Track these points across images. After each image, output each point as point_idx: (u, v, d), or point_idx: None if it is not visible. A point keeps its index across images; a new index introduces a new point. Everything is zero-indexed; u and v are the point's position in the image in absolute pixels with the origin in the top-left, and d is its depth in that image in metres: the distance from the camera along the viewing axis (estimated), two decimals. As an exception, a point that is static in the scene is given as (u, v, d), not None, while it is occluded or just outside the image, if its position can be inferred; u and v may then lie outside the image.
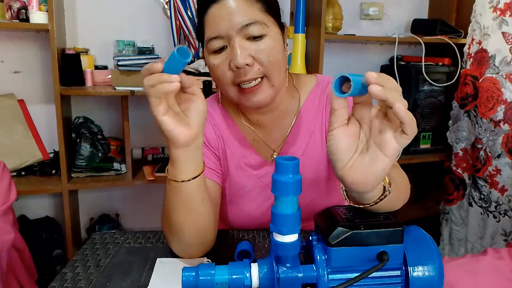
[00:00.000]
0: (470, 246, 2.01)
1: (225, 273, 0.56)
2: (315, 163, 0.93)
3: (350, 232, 0.53)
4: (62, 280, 0.71)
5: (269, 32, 0.79)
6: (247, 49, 0.77)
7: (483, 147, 1.91)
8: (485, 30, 1.86)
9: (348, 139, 0.54)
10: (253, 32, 0.77)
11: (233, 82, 0.80)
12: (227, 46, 0.79)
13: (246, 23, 0.77)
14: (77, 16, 1.88)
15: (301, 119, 0.93)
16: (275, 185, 0.52)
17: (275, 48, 0.80)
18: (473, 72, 1.95)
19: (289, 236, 0.53)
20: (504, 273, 0.95)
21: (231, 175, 0.94)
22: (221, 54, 0.79)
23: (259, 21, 0.78)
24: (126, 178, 1.81)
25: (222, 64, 0.80)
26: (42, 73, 1.87)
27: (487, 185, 1.91)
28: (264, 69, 0.79)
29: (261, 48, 0.78)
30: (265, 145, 0.94)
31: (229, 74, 0.80)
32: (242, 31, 0.77)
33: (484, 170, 1.92)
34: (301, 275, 0.54)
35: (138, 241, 0.86)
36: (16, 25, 1.64)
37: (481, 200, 1.95)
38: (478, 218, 1.97)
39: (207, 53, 0.82)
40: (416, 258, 0.56)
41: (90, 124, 1.86)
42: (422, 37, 2.08)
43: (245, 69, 0.78)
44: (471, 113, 1.98)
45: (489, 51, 1.86)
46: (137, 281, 0.71)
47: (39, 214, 1.96)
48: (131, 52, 1.85)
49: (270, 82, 0.81)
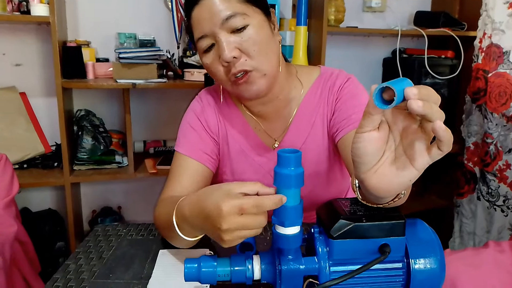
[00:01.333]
0: (478, 240, 2.03)
1: (227, 265, 0.56)
2: (316, 154, 0.93)
3: (352, 225, 0.53)
4: (65, 272, 0.72)
5: (251, 21, 0.80)
6: (232, 43, 0.79)
7: (493, 141, 1.91)
8: (499, 25, 1.85)
9: (377, 144, 0.48)
10: (235, 24, 0.79)
11: (227, 77, 0.82)
12: (214, 43, 0.80)
13: (226, 17, 0.78)
14: (78, 9, 1.87)
15: (303, 110, 0.93)
16: (277, 177, 0.52)
17: (259, 36, 0.80)
18: (485, 67, 1.94)
19: (291, 229, 0.53)
20: (506, 266, 0.95)
21: (232, 159, 0.96)
22: (211, 52, 0.82)
23: (238, 13, 0.79)
24: (128, 171, 1.82)
25: (214, 61, 0.82)
26: (44, 66, 1.87)
27: (496, 180, 1.92)
28: (251, 59, 0.80)
29: (245, 39, 0.79)
30: (267, 135, 0.94)
31: (221, 69, 0.82)
32: (224, 25, 0.78)
33: (494, 164, 1.92)
34: (303, 267, 0.54)
35: (140, 234, 0.86)
36: (17, 18, 1.63)
37: (488, 195, 1.95)
38: (486, 212, 1.98)
39: (199, 53, 0.85)
40: (418, 251, 0.56)
41: (92, 117, 1.86)
42: (425, 30, 2.07)
43: (233, 62, 0.79)
44: (482, 108, 1.98)
45: (503, 46, 1.85)
46: (140, 273, 0.71)
47: (42, 206, 1.97)
48: (132, 44, 1.85)
49: (260, 71, 0.81)
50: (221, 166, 0.97)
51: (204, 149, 0.91)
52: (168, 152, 2.06)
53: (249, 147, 0.95)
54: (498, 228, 1.92)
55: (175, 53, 1.92)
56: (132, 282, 0.68)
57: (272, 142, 0.94)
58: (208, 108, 0.96)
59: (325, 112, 0.92)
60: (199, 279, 0.56)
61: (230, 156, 0.95)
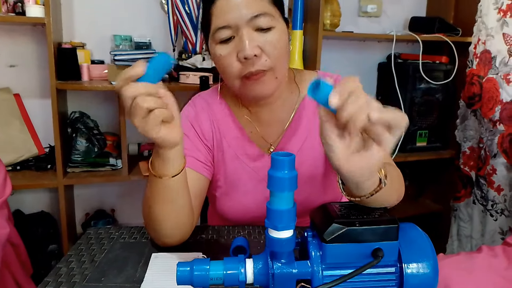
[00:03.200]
0: (474, 243, 2.05)
1: (220, 269, 0.55)
2: (312, 160, 0.93)
3: (345, 229, 0.53)
4: (57, 275, 0.71)
5: (276, 25, 0.80)
6: (255, 40, 0.78)
7: (483, 146, 1.93)
8: (489, 31, 1.87)
9: (342, 137, 0.52)
10: (262, 24, 0.78)
11: (240, 73, 0.81)
12: (234, 36, 0.79)
13: (255, 14, 0.77)
14: (74, 10, 1.86)
15: (300, 115, 0.93)
16: (271, 180, 0.52)
17: (281, 41, 0.81)
18: (479, 72, 1.96)
19: (284, 232, 0.53)
20: (498, 271, 0.95)
21: (226, 165, 0.94)
22: (228, 45, 0.80)
23: (268, 13, 0.79)
24: (122, 174, 1.81)
25: (230, 54, 0.80)
26: (38, 67, 1.86)
27: (486, 184, 1.93)
28: (270, 61, 0.80)
29: (268, 40, 0.79)
30: (263, 139, 0.94)
31: (236, 65, 0.80)
32: (251, 22, 0.78)
33: (484, 169, 1.93)
34: (295, 271, 0.54)
35: (133, 237, 0.86)
36: (12, 19, 1.63)
37: (482, 199, 1.97)
38: (481, 216, 2.01)
39: (213, 43, 0.82)
40: (410, 255, 0.56)
41: (86, 119, 1.86)
42: (420, 35, 2.08)
43: (253, 60, 0.78)
44: (477, 113, 2.00)
45: (491, 52, 1.87)
46: (132, 276, 0.71)
47: (35, 209, 1.95)
48: (128, 47, 1.84)
49: (274, 73, 0.82)
50: (215, 173, 0.96)
51: (197, 157, 0.89)
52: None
53: (244, 153, 0.93)
54: (490, 232, 1.94)
55: (171, 55, 1.91)
56: (125, 285, 0.68)
57: (267, 146, 0.94)
58: (202, 114, 0.94)
59: None
60: (191, 283, 0.55)
61: (224, 162, 0.94)
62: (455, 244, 2.15)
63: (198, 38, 1.84)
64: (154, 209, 0.74)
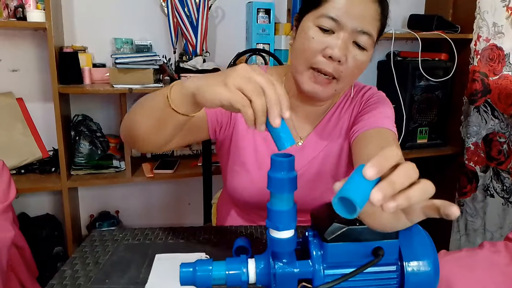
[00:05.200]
0: (489, 236, 2.09)
1: (222, 269, 0.56)
2: (336, 158, 0.97)
3: (345, 228, 0.54)
4: (61, 277, 0.72)
5: (369, 50, 0.83)
6: (348, 50, 0.80)
7: (506, 141, 1.95)
8: (499, 28, 1.89)
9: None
10: (361, 41, 0.80)
11: (314, 63, 0.81)
12: (334, 32, 0.80)
13: (364, 30, 0.79)
14: (75, 14, 1.87)
15: (332, 115, 0.97)
16: (271, 182, 0.53)
17: (363, 65, 0.84)
18: (482, 69, 1.98)
19: (285, 232, 0.54)
20: (500, 267, 0.95)
21: (256, 144, 0.95)
22: (322, 34, 0.80)
23: (371, 36, 0.81)
24: (125, 175, 1.82)
25: (317, 42, 0.80)
26: (40, 71, 1.87)
27: (510, 177, 1.96)
28: (344, 74, 0.82)
29: (356, 58, 0.81)
30: (294, 130, 0.96)
31: (316, 54, 0.81)
32: (355, 34, 0.79)
33: (508, 162, 1.96)
34: (297, 271, 0.55)
35: (136, 238, 0.87)
36: (13, 24, 1.64)
37: (504, 191, 1.99)
38: (499, 208, 2.04)
39: (311, 22, 0.82)
40: (411, 254, 0.56)
41: (89, 122, 1.87)
42: (418, 33, 2.08)
43: (332, 63, 0.80)
44: (480, 109, 2.01)
45: (504, 49, 1.89)
46: (136, 278, 0.72)
47: (40, 211, 1.97)
48: (129, 50, 1.85)
49: (337, 85, 0.84)
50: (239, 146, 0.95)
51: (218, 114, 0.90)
52: (165, 156, 2.06)
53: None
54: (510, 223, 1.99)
55: (172, 58, 1.92)
56: (129, 287, 0.69)
57: (297, 139, 0.96)
58: None
59: (350, 120, 0.96)
60: (194, 283, 0.56)
61: (254, 140, 0.94)
62: (463, 239, 2.18)
63: (198, 39, 1.85)
64: (143, 122, 0.73)
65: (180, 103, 0.65)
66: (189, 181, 2.10)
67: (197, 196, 2.15)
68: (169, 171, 1.86)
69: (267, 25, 1.92)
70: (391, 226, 0.50)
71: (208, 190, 1.53)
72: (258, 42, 1.93)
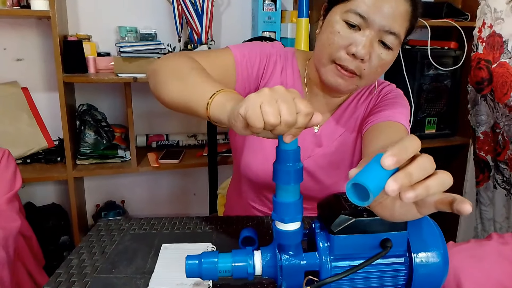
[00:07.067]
0: (498, 226, 2.07)
1: (228, 261, 0.56)
2: (350, 147, 0.97)
3: (353, 220, 0.53)
4: (68, 266, 0.72)
5: (395, 50, 0.81)
6: (373, 48, 0.79)
7: (500, 131, 1.92)
8: (499, 14, 1.83)
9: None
10: (388, 41, 0.79)
11: (336, 58, 0.80)
12: (360, 28, 0.78)
13: (391, 30, 0.77)
14: (79, 3, 1.86)
15: (348, 104, 0.97)
16: (276, 173, 0.52)
17: (387, 64, 0.83)
18: (487, 56, 1.93)
19: (291, 225, 0.53)
20: (509, 258, 0.94)
21: None
22: (348, 29, 0.79)
23: (398, 36, 0.79)
24: (131, 165, 1.82)
25: (342, 38, 0.79)
26: (45, 60, 1.86)
27: (507, 168, 1.94)
28: (366, 72, 0.81)
29: (381, 57, 0.80)
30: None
31: (340, 49, 0.80)
32: (382, 33, 0.78)
33: (504, 153, 1.93)
34: (304, 263, 0.54)
35: (143, 228, 0.87)
36: (17, 12, 1.63)
37: (504, 183, 1.98)
38: (504, 199, 2.02)
39: (338, 15, 0.80)
40: (420, 245, 0.56)
41: (94, 111, 1.86)
42: (427, 21, 2.04)
43: (355, 60, 0.79)
44: (487, 97, 1.98)
45: (503, 35, 1.84)
46: (142, 267, 0.71)
47: (46, 201, 1.98)
48: (133, 38, 1.84)
49: (358, 82, 0.83)
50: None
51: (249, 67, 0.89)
52: (171, 145, 2.06)
53: None
54: None
55: (177, 46, 1.91)
56: (135, 276, 0.69)
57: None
58: (278, 63, 0.94)
59: (366, 112, 0.96)
60: (200, 275, 0.56)
61: None
62: (479, 227, 2.17)
63: (203, 28, 1.83)
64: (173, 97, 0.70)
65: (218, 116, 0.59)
66: (195, 171, 2.10)
67: (202, 186, 2.15)
68: (174, 161, 1.86)
69: (273, 12, 1.89)
70: (401, 217, 0.49)
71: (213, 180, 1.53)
72: (264, 30, 1.90)
